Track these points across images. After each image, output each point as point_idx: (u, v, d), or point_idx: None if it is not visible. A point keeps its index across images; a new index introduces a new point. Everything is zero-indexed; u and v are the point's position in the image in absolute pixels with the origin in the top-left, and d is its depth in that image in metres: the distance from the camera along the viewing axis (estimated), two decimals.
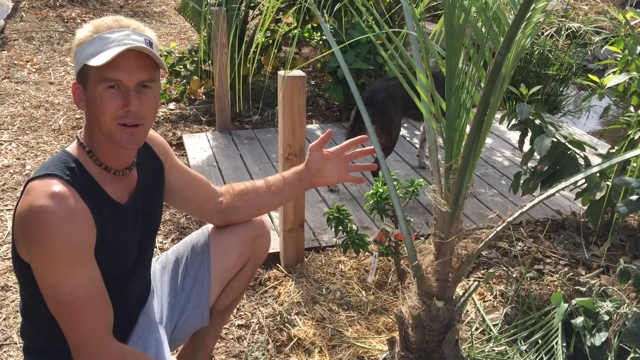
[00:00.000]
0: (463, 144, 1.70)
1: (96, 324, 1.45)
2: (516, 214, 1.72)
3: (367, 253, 2.96)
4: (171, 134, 4.69)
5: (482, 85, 1.66)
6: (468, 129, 1.66)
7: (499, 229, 1.75)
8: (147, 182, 1.65)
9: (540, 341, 2.36)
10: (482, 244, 1.77)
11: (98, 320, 1.45)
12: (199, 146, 4.42)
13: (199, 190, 1.87)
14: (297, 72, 2.67)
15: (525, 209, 1.71)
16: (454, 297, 1.89)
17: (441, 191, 1.76)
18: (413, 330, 1.89)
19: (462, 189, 1.68)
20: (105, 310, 1.47)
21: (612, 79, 3.00)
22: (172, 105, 5.30)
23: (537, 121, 3.17)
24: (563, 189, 3.20)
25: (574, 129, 5.07)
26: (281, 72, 2.65)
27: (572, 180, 1.76)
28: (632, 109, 3.06)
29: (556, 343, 2.28)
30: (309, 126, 4.93)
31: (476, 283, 2.33)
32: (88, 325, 1.43)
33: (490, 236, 1.76)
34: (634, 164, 3.20)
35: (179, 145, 4.54)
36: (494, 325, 2.55)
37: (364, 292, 2.85)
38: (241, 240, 1.96)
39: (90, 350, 1.45)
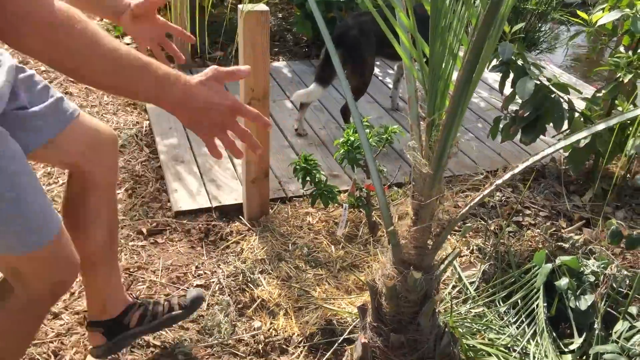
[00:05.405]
0: (448, 95, 1.46)
1: None
2: (506, 177, 1.51)
3: (336, 204, 2.76)
4: None
5: (473, 25, 1.42)
6: (454, 77, 1.43)
7: (486, 192, 1.54)
8: None
9: (520, 302, 2.22)
10: (467, 208, 1.57)
11: None
12: None
13: None
14: (259, 7, 2.37)
15: (517, 170, 1.50)
16: (433, 264, 1.70)
17: (421, 149, 1.54)
18: (387, 300, 1.70)
19: (446, 147, 1.46)
20: None
21: (603, 17, 2.77)
22: (127, 40, 4.90)
23: (520, 62, 2.94)
24: (544, 134, 3.02)
25: (551, 67, 4.86)
26: (241, 6, 2.35)
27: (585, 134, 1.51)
28: (622, 48, 2.85)
29: (537, 306, 2.13)
30: (276, 64, 4.62)
31: (457, 250, 2.16)
32: None
33: (476, 200, 1.56)
34: (620, 108, 3.03)
35: None
36: (471, 284, 2.39)
37: (333, 247, 2.67)
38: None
39: None
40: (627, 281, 2.06)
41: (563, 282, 2.08)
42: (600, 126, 1.42)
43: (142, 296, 2.36)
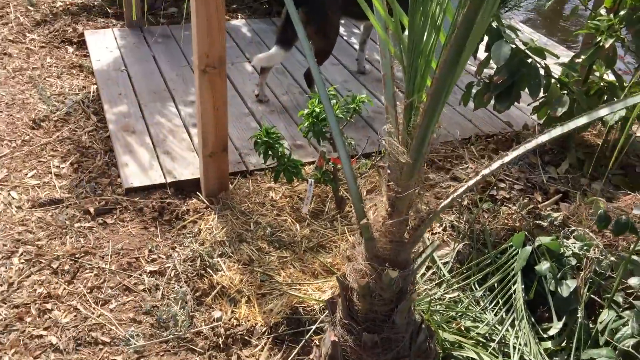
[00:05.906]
0: (429, 74, 1.28)
1: None
2: (494, 166, 1.34)
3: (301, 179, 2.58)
4: (71, 30, 4.00)
5: None
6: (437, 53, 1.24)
7: (470, 183, 1.37)
8: None
9: (496, 285, 2.09)
10: (449, 199, 1.40)
11: None
12: (104, 45, 3.78)
13: None
14: None
15: (507, 158, 1.33)
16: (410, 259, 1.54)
17: (398, 134, 1.35)
18: (359, 298, 1.55)
19: (427, 134, 1.28)
20: None
21: None
22: None
23: (495, 24, 2.75)
24: (518, 101, 2.86)
25: (521, 26, 4.69)
26: None
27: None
28: (603, 11, 2.68)
29: (515, 291, 2.01)
30: (234, 22, 4.34)
31: (436, 243, 2.01)
32: None
33: (459, 191, 1.39)
34: (597, 73, 2.89)
35: (81, 44, 3.88)
36: (444, 264, 2.26)
37: (297, 224, 2.49)
38: None
39: None
40: (610, 263, 1.95)
41: (544, 266, 1.95)
42: (604, 112, 1.26)
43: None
